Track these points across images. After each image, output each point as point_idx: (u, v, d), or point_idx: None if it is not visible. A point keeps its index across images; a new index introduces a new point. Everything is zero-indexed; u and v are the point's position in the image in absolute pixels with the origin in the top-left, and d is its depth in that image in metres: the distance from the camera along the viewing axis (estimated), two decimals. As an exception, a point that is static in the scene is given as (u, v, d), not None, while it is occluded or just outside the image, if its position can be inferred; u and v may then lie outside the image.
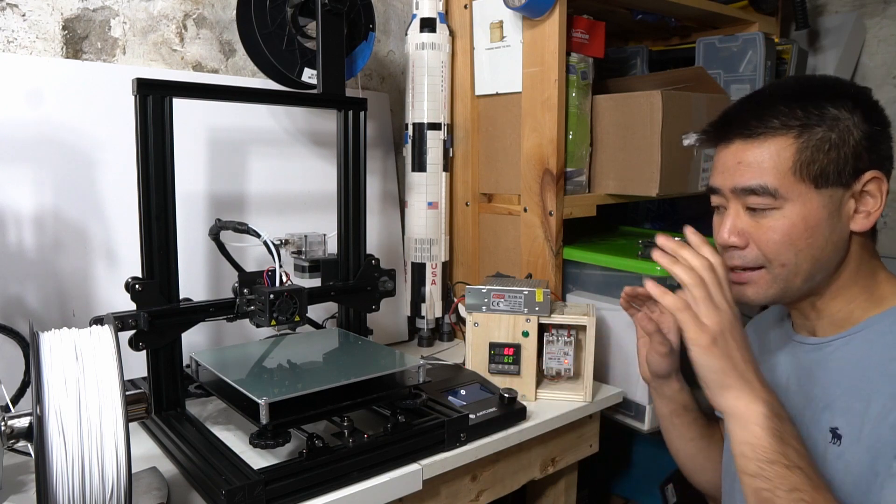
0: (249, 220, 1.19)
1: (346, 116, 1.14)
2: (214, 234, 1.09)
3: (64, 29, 1.13)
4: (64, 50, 1.13)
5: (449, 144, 1.46)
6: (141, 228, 0.93)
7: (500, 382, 1.11)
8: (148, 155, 0.92)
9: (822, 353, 0.82)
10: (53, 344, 0.66)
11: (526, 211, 1.34)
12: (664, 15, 1.59)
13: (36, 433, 0.60)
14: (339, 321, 1.20)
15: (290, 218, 1.34)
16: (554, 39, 1.25)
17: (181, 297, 0.97)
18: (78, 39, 1.14)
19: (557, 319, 1.13)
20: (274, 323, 0.99)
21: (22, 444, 0.68)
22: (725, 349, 0.71)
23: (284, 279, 1.04)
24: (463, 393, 1.07)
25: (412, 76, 1.42)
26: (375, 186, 1.48)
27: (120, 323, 0.89)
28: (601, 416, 1.25)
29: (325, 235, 1.15)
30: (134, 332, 0.91)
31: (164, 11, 1.23)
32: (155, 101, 0.92)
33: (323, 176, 1.37)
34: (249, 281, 1.03)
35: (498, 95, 1.41)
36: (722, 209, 0.84)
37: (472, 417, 0.98)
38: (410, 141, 1.43)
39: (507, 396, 1.05)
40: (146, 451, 0.93)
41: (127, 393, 0.66)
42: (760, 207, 0.78)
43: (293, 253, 1.13)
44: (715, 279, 0.73)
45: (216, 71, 1.30)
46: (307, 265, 1.12)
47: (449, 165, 1.47)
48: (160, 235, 0.94)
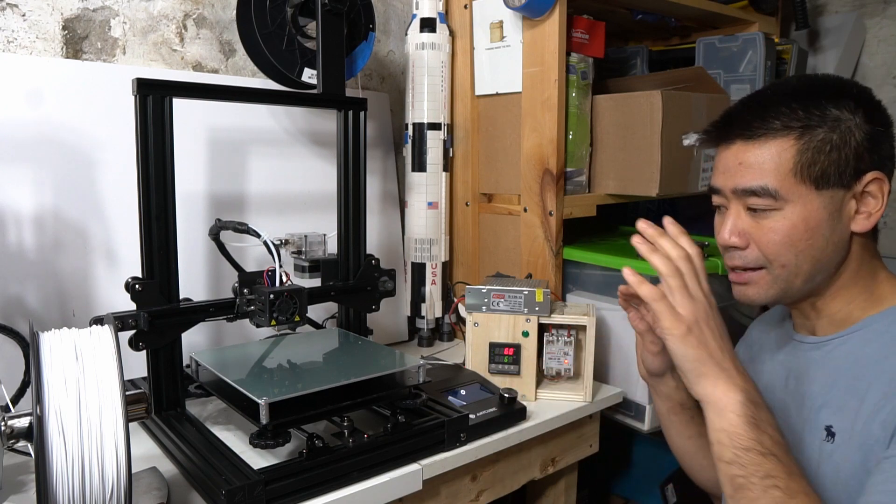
0: (249, 220, 1.19)
1: (346, 116, 1.14)
2: (214, 234, 1.09)
3: (64, 29, 1.13)
4: (64, 50, 1.13)
5: (449, 144, 1.45)
6: (141, 228, 0.93)
7: (500, 382, 1.11)
8: (148, 155, 0.92)
9: (820, 352, 0.82)
10: (53, 344, 0.66)
11: (526, 211, 1.34)
12: (664, 15, 1.59)
13: (36, 433, 0.60)
14: (339, 321, 1.20)
15: (290, 218, 1.34)
16: (554, 39, 1.25)
17: (181, 297, 0.97)
18: (78, 39, 1.14)
19: (557, 319, 1.13)
20: (274, 323, 1.00)
21: (22, 444, 0.68)
22: (700, 338, 0.72)
23: (284, 279, 1.04)
24: (463, 393, 1.07)
25: (412, 76, 1.42)
26: (375, 186, 1.48)
27: (120, 323, 0.89)
28: (601, 416, 1.25)
29: (325, 235, 1.15)
30: (134, 332, 0.91)
31: (164, 11, 1.23)
32: (155, 101, 0.92)
33: (323, 176, 1.37)
34: (249, 281, 1.03)
35: (498, 95, 1.41)
36: (723, 209, 0.84)
37: (472, 417, 0.98)
38: (410, 141, 1.43)
39: (507, 396, 1.05)
40: (146, 451, 0.93)
41: (127, 393, 0.66)
42: (761, 208, 0.78)
43: (293, 253, 1.13)
44: (691, 269, 0.74)
45: (216, 71, 1.30)
46: (307, 265, 1.12)
47: (449, 165, 1.47)
48: (160, 235, 0.94)
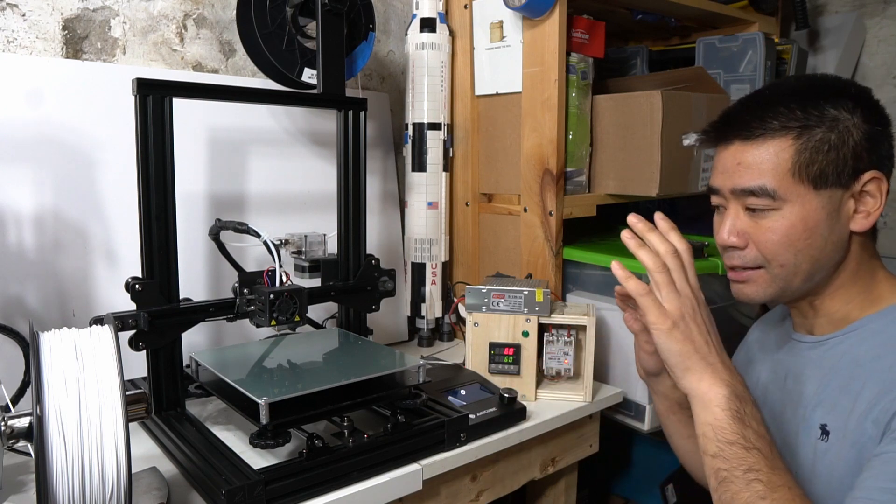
0: (249, 220, 1.19)
1: (346, 116, 1.14)
2: (214, 234, 1.09)
3: (64, 29, 1.13)
4: (64, 50, 1.13)
5: (449, 144, 1.45)
6: (141, 228, 0.93)
7: (500, 382, 1.11)
8: (148, 155, 0.92)
9: (817, 351, 0.83)
10: (53, 344, 0.66)
11: (526, 211, 1.34)
12: (664, 15, 1.59)
13: (36, 433, 0.60)
14: (339, 321, 1.20)
15: (290, 218, 1.34)
16: (554, 39, 1.25)
17: (181, 297, 0.97)
18: (78, 39, 1.14)
19: (557, 319, 1.13)
20: (274, 323, 1.00)
21: (22, 444, 0.68)
22: (686, 333, 0.72)
23: (284, 279, 1.04)
24: (463, 393, 1.07)
25: (412, 76, 1.42)
26: (375, 186, 1.48)
27: (120, 323, 0.89)
28: (601, 416, 1.25)
29: (325, 235, 1.15)
30: (134, 332, 0.91)
31: (164, 11, 1.23)
32: (155, 101, 0.92)
33: (323, 176, 1.37)
34: (249, 281, 1.03)
35: (498, 95, 1.41)
36: (722, 209, 0.84)
37: (472, 417, 0.98)
38: (410, 141, 1.43)
39: (507, 396, 1.05)
40: (146, 451, 0.93)
41: (127, 393, 0.66)
42: (759, 208, 0.78)
43: (293, 253, 1.13)
44: (678, 265, 0.75)
45: (216, 71, 1.30)
46: (307, 265, 1.12)
47: (449, 165, 1.47)
48: (160, 235, 0.94)
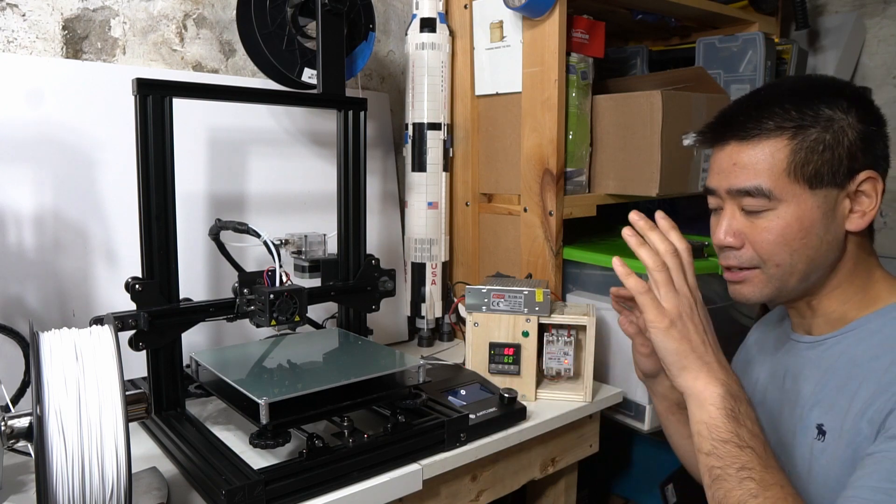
0: (249, 220, 1.19)
1: (346, 116, 1.14)
2: (214, 234, 1.09)
3: (64, 29, 1.13)
4: (64, 50, 1.13)
5: (449, 144, 1.45)
6: (141, 228, 0.93)
7: (500, 382, 1.11)
8: (148, 155, 0.92)
9: (815, 351, 0.83)
10: (53, 344, 0.66)
11: (526, 211, 1.34)
12: (664, 15, 1.59)
13: (36, 433, 0.60)
14: (339, 321, 1.20)
15: (290, 218, 1.34)
16: (554, 39, 1.25)
17: (181, 297, 0.97)
18: (78, 39, 1.14)
19: (557, 319, 1.13)
20: (274, 323, 1.00)
21: (22, 444, 0.68)
22: (683, 332, 0.73)
23: (284, 279, 1.04)
24: (463, 393, 1.07)
25: (412, 76, 1.42)
26: (375, 186, 1.48)
27: (120, 323, 0.89)
28: (601, 416, 1.25)
29: (325, 235, 1.15)
30: (134, 332, 0.91)
31: (164, 11, 1.23)
32: (155, 101, 0.92)
33: (323, 176, 1.37)
34: (249, 281, 1.03)
35: (498, 95, 1.41)
36: (718, 210, 0.84)
37: (472, 417, 0.98)
38: (410, 141, 1.43)
39: (507, 396, 1.05)
40: (146, 451, 0.93)
41: (127, 393, 0.66)
42: (755, 209, 0.79)
43: (293, 253, 1.13)
44: (678, 264, 0.75)
45: (216, 71, 1.30)
46: (307, 265, 1.12)
47: (449, 165, 1.47)
48: (160, 235, 0.94)
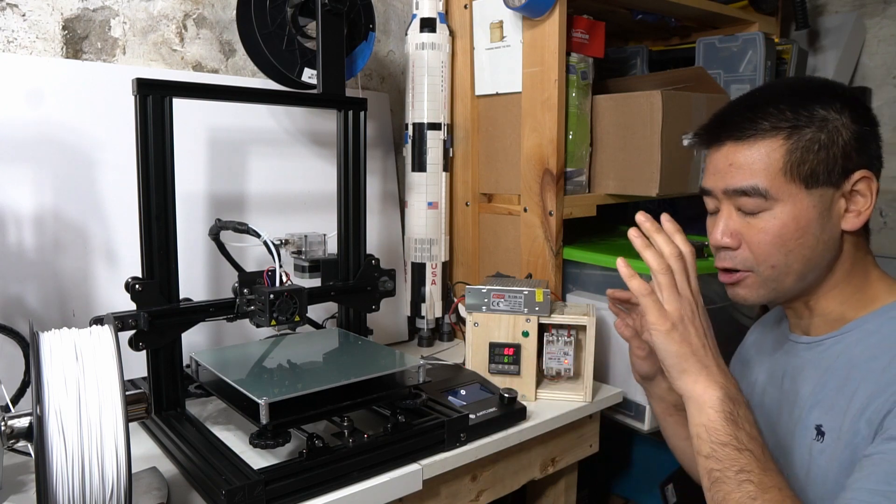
0: (249, 220, 1.19)
1: (346, 116, 1.14)
2: (214, 234, 1.09)
3: (64, 29, 1.13)
4: (64, 50, 1.13)
5: (449, 144, 1.45)
6: (141, 228, 0.93)
7: (500, 382, 1.11)
8: (148, 155, 0.92)
9: (813, 351, 0.83)
10: (53, 344, 0.66)
11: (526, 211, 1.34)
12: (664, 15, 1.59)
13: (36, 433, 0.60)
14: (339, 321, 1.20)
15: (290, 218, 1.34)
16: (554, 39, 1.25)
17: (181, 297, 0.97)
18: (78, 39, 1.14)
19: (557, 319, 1.13)
20: (274, 323, 0.99)
21: (22, 444, 0.68)
22: (684, 335, 0.73)
23: (284, 279, 1.04)
24: (463, 393, 1.07)
25: (412, 76, 1.42)
26: (375, 186, 1.48)
27: (120, 323, 0.89)
28: (601, 416, 1.25)
29: (325, 235, 1.15)
30: (134, 332, 0.91)
31: (164, 11, 1.23)
32: (155, 101, 0.92)
33: (323, 176, 1.37)
34: (249, 281, 1.03)
35: (498, 95, 1.41)
36: (715, 211, 0.84)
37: (472, 417, 0.98)
38: (410, 141, 1.43)
39: (507, 396, 1.05)
40: (146, 451, 0.93)
41: (127, 393, 0.66)
42: (751, 210, 0.79)
43: (293, 253, 1.13)
44: (682, 267, 0.76)
45: (216, 71, 1.30)
46: (307, 265, 1.12)
47: (449, 165, 1.47)
48: (160, 235, 0.94)
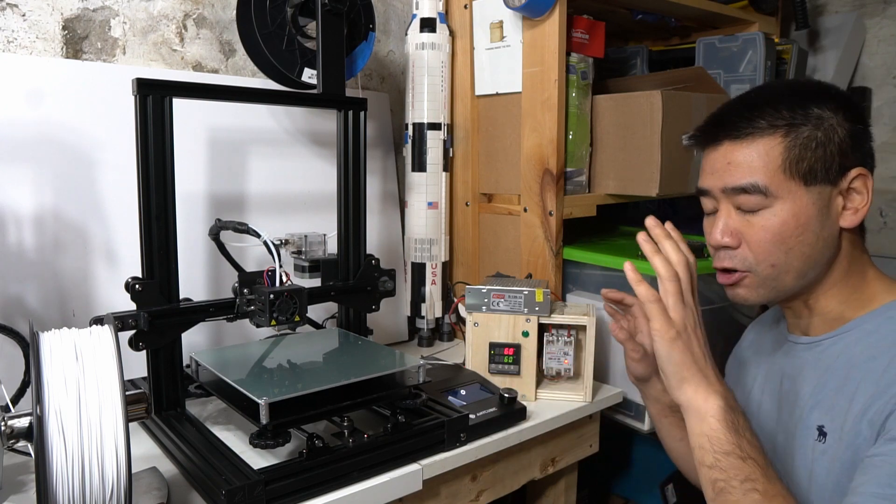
0: (249, 220, 1.19)
1: (346, 116, 1.14)
2: (214, 234, 1.09)
3: (64, 29, 1.13)
4: (64, 50, 1.13)
5: (449, 144, 1.45)
6: (141, 228, 0.93)
7: (500, 382, 1.11)
8: (148, 155, 0.92)
9: (813, 352, 0.83)
10: (53, 344, 0.66)
11: (526, 211, 1.34)
12: (664, 15, 1.59)
13: (36, 433, 0.60)
14: (339, 321, 1.20)
15: (290, 218, 1.34)
16: (554, 39, 1.25)
17: (181, 297, 0.97)
18: (78, 39, 1.14)
19: (557, 319, 1.13)
20: (274, 323, 0.99)
21: (22, 444, 0.68)
22: (687, 343, 0.74)
23: (284, 279, 1.04)
24: (463, 393, 1.07)
25: (412, 76, 1.42)
26: (375, 186, 1.48)
27: (120, 323, 0.89)
28: (601, 416, 1.25)
29: (325, 235, 1.15)
30: (134, 332, 0.91)
31: (164, 11, 1.23)
32: (155, 101, 0.92)
33: (323, 176, 1.37)
34: (249, 281, 1.03)
35: (498, 95, 1.41)
36: (713, 211, 0.84)
37: (472, 417, 0.98)
38: (410, 141, 1.43)
39: (507, 396, 1.05)
40: (146, 451, 0.93)
41: (127, 393, 0.66)
42: (751, 208, 0.79)
43: (293, 253, 1.13)
44: (688, 277, 0.76)
45: (216, 71, 1.30)
46: (307, 265, 1.12)
47: (449, 165, 1.47)
48: (160, 235, 0.94)
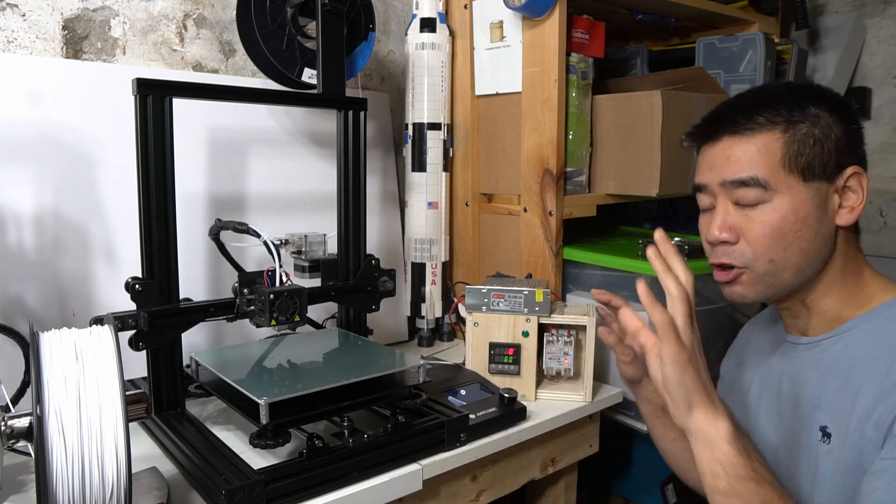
0: (249, 220, 1.19)
1: (346, 116, 1.14)
2: (214, 234, 1.09)
3: (64, 29, 1.13)
4: (64, 50, 1.13)
5: (449, 144, 1.45)
6: (141, 228, 0.93)
7: (500, 382, 1.11)
8: (148, 155, 0.92)
9: (812, 352, 0.83)
10: (53, 344, 0.66)
11: (526, 211, 1.34)
12: (664, 15, 1.59)
13: (36, 433, 0.60)
14: (339, 321, 1.20)
15: (290, 218, 1.34)
16: (554, 39, 1.25)
17: (181, 297, 0.97)
18: (78, 39, 1.14)
19: (557, 319, 1.13)
20: (274, 323, 0.99)
21: (22, 444, 0.68)
22: (697, 367, 0.70)
23: (284, 279, 1.04)
24: (463, 393, 1.07)
25: (412, 76, 1.42)
26: (375, 186, 1.48)
27: (120, 323, 0.89)
28: (601, 416, 1.25)
29: (325, 235, 1.15)
30: (134, 332, 0.91)
31: (164, 11, 1.23)
32: (155, 101, 0.92)
33: (323, 176, 1.37)
34: (249, 281, 1.03)
35: (498, 95, 1.41)
36: (709, 208, 0.84)
37: (472, 417, 0.98)
38: (410, 141, 1.43)
39: (507, 396, 1.05)
40: (146, 451, 0.93)
41: (127, 393, 0.66)
42: (750, 202, 0.79)
43: (293, 253, 1.13)
44: (692, 299, 0.73)
45: (216, 71, 1.30)
46: (307, 265, 1.12)
47: (449, 165, 1.47)
48: (160, 235, 0.94)
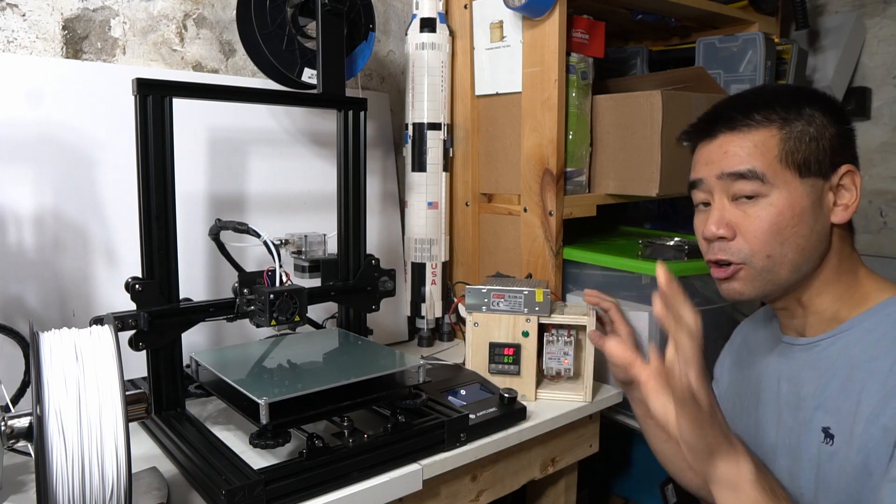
0: (249, 220, 1.19)
1: (346, 116, 1.14)
2: (214, 234, 1.09)
3: (64, 29, 1.13)
4: (64, 50, 1.13)
5: (449, 144, 1.45)
6: (141, 228, 0.93)
7: (500, 382, 1.11)
8: (148, 155, 0.92)
9: (811, 353, 0.82)
10: (53, 344, 0.66)
11: (526, 211, 1.34)
12: (664, 15, 1.59)
13: (36, 433, 0.60)
14: (339, 321, 1.20)
15: (290, 218, 1.34)
16: (554, 39, 1.25)
17: (181, 297, 0.97)
18: (78, 39, 1.14)
19: (557, 319, 1.13)
20: (274, 323, 0.99)
21: (22, 444, 0.68)
22: (714, 416, 0.67)
23: (284, 279, 1.04)
24: (463, 393, 1.07)
25: (412, 76, 1.42)
26: (375, 186, 1.48)
27: (120, 323, 0.89)
28: (601, 416, 1.25)
29: (325, 235, 1.15)
30: (134, 332, 0.91)
31: (164, 11, 1.23)
32: (155, 101, 0.92)
33: (323, 176, 1.37)
34: (249, 281, 1.03)
35: (498, 95, 1.41)
36: (705, 205, 0.85)
37: (472, 417, 0.98)
38: (410, 141, 1.43)
39: (507, 396, 1.05)
40: (146, 451, 0.93)
41: (127, 393, 0.66)
42: (748, 195, 0.79)
43: (293, 253, 1.13)
44: (701, 341, 0.67)
45: (216, 71, 1.30)
46: (307, 265, 1.12)
47: (449, 165, 1.47)
48: (160, 235, 0.94)
